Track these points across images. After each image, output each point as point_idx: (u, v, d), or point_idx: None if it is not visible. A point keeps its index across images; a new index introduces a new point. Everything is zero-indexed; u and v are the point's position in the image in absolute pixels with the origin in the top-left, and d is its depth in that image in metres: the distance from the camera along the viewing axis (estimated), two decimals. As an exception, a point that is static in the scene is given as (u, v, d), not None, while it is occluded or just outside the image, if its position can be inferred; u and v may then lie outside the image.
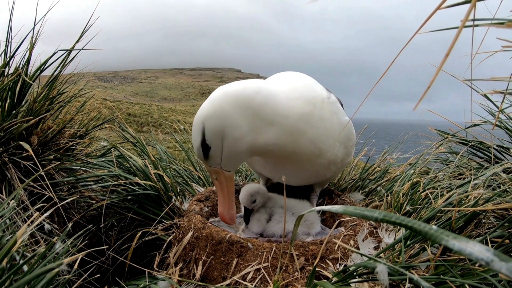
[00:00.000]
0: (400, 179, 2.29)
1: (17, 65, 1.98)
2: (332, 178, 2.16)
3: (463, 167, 2.36)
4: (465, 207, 1.42)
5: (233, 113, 1.45)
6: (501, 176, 1.73)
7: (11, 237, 1.21)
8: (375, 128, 2.99)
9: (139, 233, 1.91)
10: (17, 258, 1.14)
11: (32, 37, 1.89)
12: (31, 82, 1.78)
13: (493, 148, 2.16)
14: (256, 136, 1.52)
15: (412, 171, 2.23)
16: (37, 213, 1.47)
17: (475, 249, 0.43)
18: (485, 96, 2.20)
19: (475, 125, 2.40)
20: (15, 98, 2.02)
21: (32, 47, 1.86)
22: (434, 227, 0.48)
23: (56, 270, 0.86)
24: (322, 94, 1.73)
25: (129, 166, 2.29)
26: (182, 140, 3.32)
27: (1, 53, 1.99)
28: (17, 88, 2.00)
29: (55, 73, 2.00)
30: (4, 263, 0.88)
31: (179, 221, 1.89)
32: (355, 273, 1.23)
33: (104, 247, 1.68)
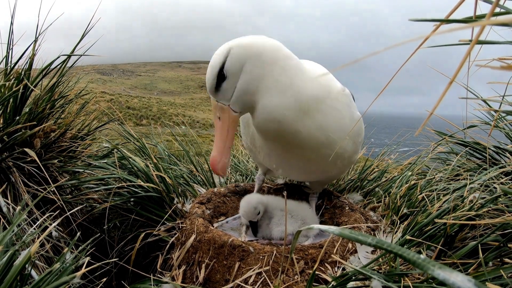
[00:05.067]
0: (399, 179, 2.33)
1: (20, 70, 2.00)
2: (336, 176, 2.10)
3: (461, 168, 2.39)
4: (461, 212, 1.46)
5: (263, 53, 1.46)
6: (499, 179, 1.76)
7: (20, 246, 1.24)
8: (374, 127, 3.02)
9: (142, 235, 1.95)
10: (27, 266, 1.18)
11: (34, 47, 1.91)
12: (33, 87, 1.80)
13: (490, 149, 2.19)
14: (266, 89, 1.48)
15: (409, 173, 2.26)
16: (46, 220, 1.50)
17: (458, 279, 0.48)
18: (484, 101, 2.23)
19: (473, 126, 2.43)
20: (18, 102, 2.05)
21: (34, 54, 1.88)
22: (422, 256, 0.52)
23: (69, 284, 0.90)
24: (338, 86, 1.74)
25: (131, 167, 2.32)
26: (182, 133, 3.34)
27: (3, 58, 2.01)
28: (19, 93, 2.02)
29: (56, 80, 2.02)
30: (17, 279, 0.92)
31: (181, 223, 1.93)
32: (353, 277, 1.28)
33: (110, 259, 1.71)
